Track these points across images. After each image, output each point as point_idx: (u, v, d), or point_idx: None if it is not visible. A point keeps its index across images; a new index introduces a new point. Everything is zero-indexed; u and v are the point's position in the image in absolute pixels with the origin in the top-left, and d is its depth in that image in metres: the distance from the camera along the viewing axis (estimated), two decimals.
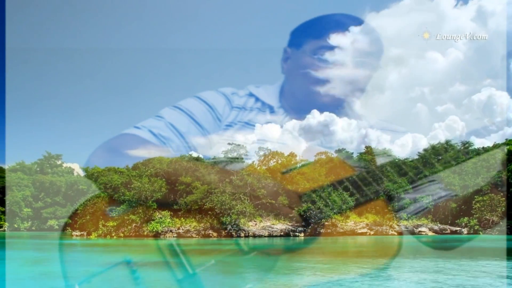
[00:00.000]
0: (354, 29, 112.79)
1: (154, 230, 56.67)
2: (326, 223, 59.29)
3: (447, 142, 77.12)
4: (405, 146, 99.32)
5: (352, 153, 73.00)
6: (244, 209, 57.21)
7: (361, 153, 71.81)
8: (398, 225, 63.73)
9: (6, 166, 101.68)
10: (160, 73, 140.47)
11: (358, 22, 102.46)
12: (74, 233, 64.19)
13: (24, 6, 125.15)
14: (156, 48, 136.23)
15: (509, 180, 63.18)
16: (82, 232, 62.62)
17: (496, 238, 54.10)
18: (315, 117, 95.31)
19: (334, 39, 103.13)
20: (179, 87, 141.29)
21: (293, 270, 15.56)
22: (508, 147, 68.39)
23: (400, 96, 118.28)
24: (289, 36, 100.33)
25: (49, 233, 76.62)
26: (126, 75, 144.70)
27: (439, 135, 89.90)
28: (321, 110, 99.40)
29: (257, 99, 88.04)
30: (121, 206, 57.50)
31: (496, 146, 74.29)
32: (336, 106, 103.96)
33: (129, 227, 57.48)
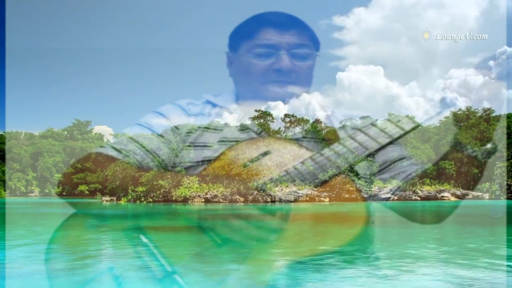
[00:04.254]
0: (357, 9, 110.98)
1: (182, 195, 55.61)
2: (351, 188, 57.86)
3: (468, 109, 74.93)
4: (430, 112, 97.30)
5: (376, 120, 71.01)
6: (270, 174, 55.79)
7: (384, 120, 69.78)
8: (421, 190, 62.14)
9: (36, 133, 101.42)
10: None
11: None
12: (104, 198, 63.58)
13: None
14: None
15: None
16: (112, 197, 61.98)
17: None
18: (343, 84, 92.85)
19: (339, 20, 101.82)
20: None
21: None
22: None
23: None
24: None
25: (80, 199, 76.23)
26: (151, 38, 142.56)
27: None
28: None
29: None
30: (150, 172, 56.26)
31: None
32: None
33: (158, 192, 56.45)
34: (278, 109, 66.32)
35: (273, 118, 65.95)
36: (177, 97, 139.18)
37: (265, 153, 58.20)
